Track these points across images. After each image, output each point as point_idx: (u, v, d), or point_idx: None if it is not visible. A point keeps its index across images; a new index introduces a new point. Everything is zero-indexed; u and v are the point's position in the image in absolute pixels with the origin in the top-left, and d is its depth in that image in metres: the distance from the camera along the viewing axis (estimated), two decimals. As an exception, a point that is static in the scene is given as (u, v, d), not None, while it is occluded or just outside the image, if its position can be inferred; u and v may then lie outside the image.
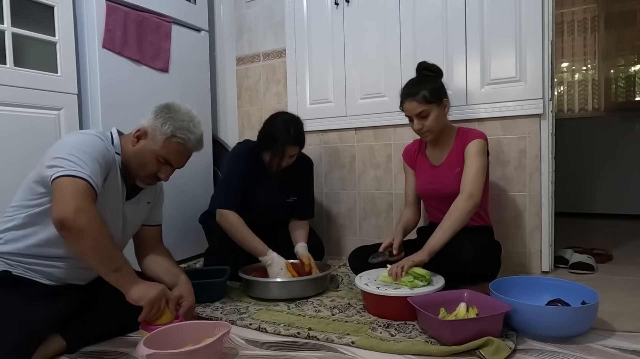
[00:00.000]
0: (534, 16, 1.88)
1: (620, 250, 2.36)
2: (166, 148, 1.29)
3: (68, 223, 1.06)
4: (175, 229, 2.14)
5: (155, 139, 1.29)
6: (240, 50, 2.72)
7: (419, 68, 1.74)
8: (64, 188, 1.09)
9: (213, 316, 1.51)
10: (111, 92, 1.92)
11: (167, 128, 1.28)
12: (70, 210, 1.06)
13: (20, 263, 1.21)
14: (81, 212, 1.07)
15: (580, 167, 3.56)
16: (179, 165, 1.36)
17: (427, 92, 1.61)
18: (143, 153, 1.30)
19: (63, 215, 1.06)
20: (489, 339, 1.14)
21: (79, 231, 1.07)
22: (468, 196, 1.55)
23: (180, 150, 1.32)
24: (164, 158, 1.30)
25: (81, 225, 1.07)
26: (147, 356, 1.04)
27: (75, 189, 1.09)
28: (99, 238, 1.10)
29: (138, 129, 1.31)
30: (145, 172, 1.32)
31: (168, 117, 1.30)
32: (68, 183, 1.09)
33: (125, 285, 1.17)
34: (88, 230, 1.08)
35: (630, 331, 1.28)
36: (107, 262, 1.14)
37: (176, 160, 1.33)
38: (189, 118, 1.33)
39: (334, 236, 2.45)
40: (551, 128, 1.91)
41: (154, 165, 1.30)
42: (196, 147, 1.36)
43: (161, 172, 1.33)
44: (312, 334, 1.30)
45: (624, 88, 3.66)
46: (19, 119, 1.64)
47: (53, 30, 1.76)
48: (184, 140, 1.31)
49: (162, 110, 1.32)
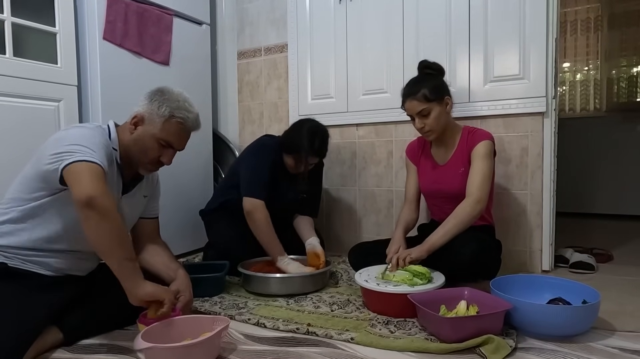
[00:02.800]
0: (538, 13, 1.86)
1: (621, 250, 2.36)
2: (166, 130, 1.28)
3: (96, 202, 1.04)
4: (174, 223, 2.13)
5: (154, 122, 1.28)
6: (241, 45, 2.71)
7: (420, 67, 1.73)
8: (81, 171, 1.07)
9: (212, 310, 1.50)
10: (111, 84, 1.91)
11: (165, 110, 1.28)
12: (98, 189, 1.05)
13: (17, 255, 1.20)
14: (106, 194, 1.07)
15: (581, 166, 3.55)
16: (180, 147, 1.35)
17: (427, 90, 1.60)
18: (143, 139, 1.28)
19: (91, 193, 1.03)
20: (489, 337, 1.14)
21: (105, 211, 1.06)
22: (476, 201, 1.54)
23: (180, 130, 1.31)
24: (165, 140, 1.29)
25: (107, 205, 1.06)
26: (145, 350, 1.03)
27: (95, 172, 1.08)
28: (119, 223, 1.10)
29: (134, 116, 1.30)
30: (148, 158, 1.30)
31: (163, 99, 1.29)
32: (84, 167, 1.08)
33: (132, 274, 1.13)
34: (112, 212, 1.07)
35: (631, 330, 1.28)
36: (121, 249, 1.11)
37: (177, 140, 1.32)
38: (183, 99, 1.33)
39: (334, 233, 2.44)
40: (554, 127, 1.90)
41: (156, 149, 1.29)
42: (195, 125, 1.35)
43: (163, 156, 1.32)
44: (311, 330, 1.29)
45: (625, 88, 3.65)
46: (18, 110, 1.63)
47: (53, 21, 1.75)
48: (183, 119, 1.30)
49: (156, 93, 1.31)
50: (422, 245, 1.49)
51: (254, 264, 1.81)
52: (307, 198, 2.01)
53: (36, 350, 1.13)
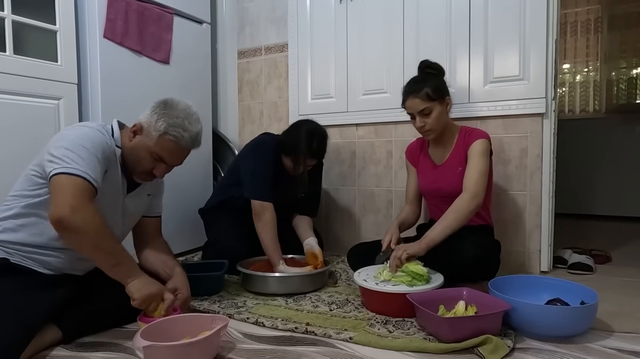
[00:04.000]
0: (538, 14, 1.86)
1: (619, 251, 2.36)
2: (159, 145, 1.27)
3: (64, 223, 1.07)
4: (174, 222, 2.13)
5: (150, 135, 1.27)
6: (242, 44, 2.71)
7: (421, 66, 1.73)
8: (61, 186, 1.09)
9: (211, 309, 1.50)
10: (111, 82, 1.91)
11: (161, 125, 1.26)
12: (67, 210, 1.07)
13: (18, 251, 1.21)
14: (77, 211, 1.08)
15: (580, 168, 3.55)
16: (172, 163, 1.33)
17: (430, 89, 1.60)
18: (138, 149, 1.28)
19: (59, 214, 1.07)
20: (488, 338, 1.14)
21: (76, 230, 1.08)
22: (472, 196, 1.54)
23: (173, 148, 1.28)
24: (158, 155, 1.28)
25: (77, 224, 1.08)
26: (144, 348, 1.03)
27: (73, 187, 1.09)
28: (97, 236, 1.11)
29: (135, 124, 1.30)
30: (141, 168, 1.30)
31: (163, 114, 1.27)
32: (65, 181, 1.10)
33: (125, 278, 1.18)
34: (85, 229, 1.09)
35: (629, 331, 1.28)
36: (107, 258, 1.15)
37: (169, 157, 1.30)
38: (185, 115, 1.29)
39: (333, 232, 2.44)
40: (553, 128, 1.90)
41: (149, 161, 1.29)
42: (191, 144, 1.31)
43: (156, 169, 1.31)
44: (309, 329, 1.29)
45: (625, 90, 3.66)
46: (18, 108, 1.63)
47: (54, 19, 1.75)
48: (176, 138, 1.27)
49: (159, 106, 1.30)
50: (421, 240, 1.49)
51: (253, 263, 1.81)
52: (307, 197, 2.01)
53: (34, 348, 1.13)
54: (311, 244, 1.88)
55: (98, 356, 1.16)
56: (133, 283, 1.18)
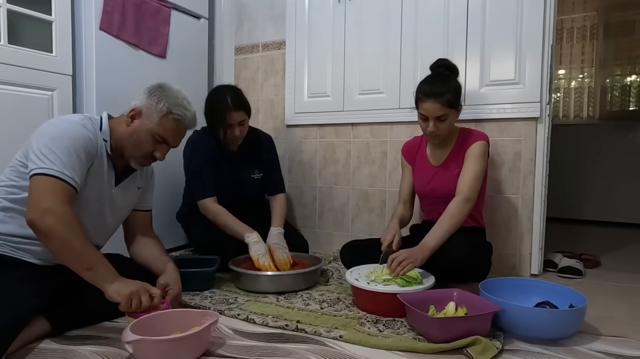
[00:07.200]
0: (535, 19, 1.88)
1: (609, 256, 2.38)
2: (163, 126, 1.29)
3: (35, 226, 1.09)
4: (167, 217, 2.12)
5: (151, 117, 1.29)
6: (239, 40, 2.70)
7: (435, 65, 1.69)
8: (37, 189, 1.10)
9: (201, 305, 1.49)
10: (106, 75, 1.89)
11: (163, 105, 1.29)
12: (38, 212, 1.08)
13: (7, 242, 1.20)
14: (48, 213, 1.08)
15: (572, 173, 3.58)
16: (174, 143, 1.36)
17: (452, 96, 1.57)
18: (138, 132, 1.29)
19: (30, 217, 1.09)
20: (477, 339, 1.15)
21: (46, 232, 1.09)
22: (465, 200, 1.55)
23: (176, 127, 1.32)
24: (161, 136, 1.30)
25: (48, 226, 1.08)
26: (133, 342, 1.03)
27: (47, 189, 1.10)
28: (68, 238, 1.10)
29: (132, 109, 1.31)
30: (141, 152, 1.31)
31: (163, 95, 1.30)
32: (40, 184, 1.11)
33: (100, 282, 1.15)
34: (55, 231, 1.09)
35: (616, 335, 1.29)
36: (79, 261, 1.13)
37: (172, 137, 1.33)
38: (182, 96, 1.34)
39: (326, 231, 2.44)
40: (547, 132, 1.92)
41: (150, 144, 1.30)
42: (192, 123, 1.37)
43: (157, 151, 1.32)
44: (300, 326, 1.30)
45: (619, 97, 3.69)
46: (11, 98, 1.61)
47: (49, 9, 1.73)
48: (181, 117, 1.31)
49: (156, 89, 1.32)
50: (423, 249, 1.47)
51: (245, 261, 1.80)
52: (267, 177, 2.04)
53: (22, 340, 1.12)
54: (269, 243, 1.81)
55: (87, 349, 1.15)
56: (111, 287, 1.15)
